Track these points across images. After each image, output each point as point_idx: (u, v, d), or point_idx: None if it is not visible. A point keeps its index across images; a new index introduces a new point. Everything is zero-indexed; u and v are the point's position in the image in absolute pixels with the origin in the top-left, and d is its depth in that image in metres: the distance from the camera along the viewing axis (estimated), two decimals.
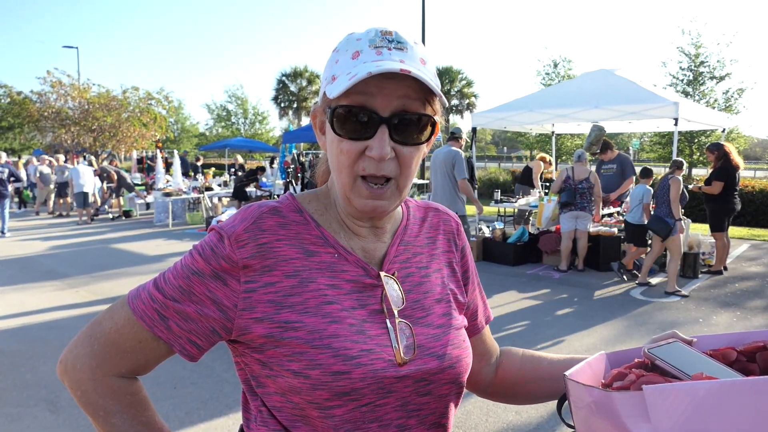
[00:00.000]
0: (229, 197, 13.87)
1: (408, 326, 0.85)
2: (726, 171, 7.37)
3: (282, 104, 38.65)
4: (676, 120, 7.68)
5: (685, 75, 18.63)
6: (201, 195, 13.23)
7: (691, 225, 7.16)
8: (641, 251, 7.16)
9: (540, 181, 10.74)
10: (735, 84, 18.21)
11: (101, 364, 0.84)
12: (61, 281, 7.28)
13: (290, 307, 0.80)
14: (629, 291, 6.69)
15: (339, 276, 0.84)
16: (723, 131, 10.96)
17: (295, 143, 13.46)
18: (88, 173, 13.54)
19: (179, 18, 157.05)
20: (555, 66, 22.95)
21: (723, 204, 7.47)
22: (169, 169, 16.95)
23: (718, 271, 7.61)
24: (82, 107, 22.35)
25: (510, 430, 3.37)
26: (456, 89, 38.44)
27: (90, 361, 0.84)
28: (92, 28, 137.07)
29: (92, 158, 16.89)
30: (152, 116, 23.73)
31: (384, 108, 0.79)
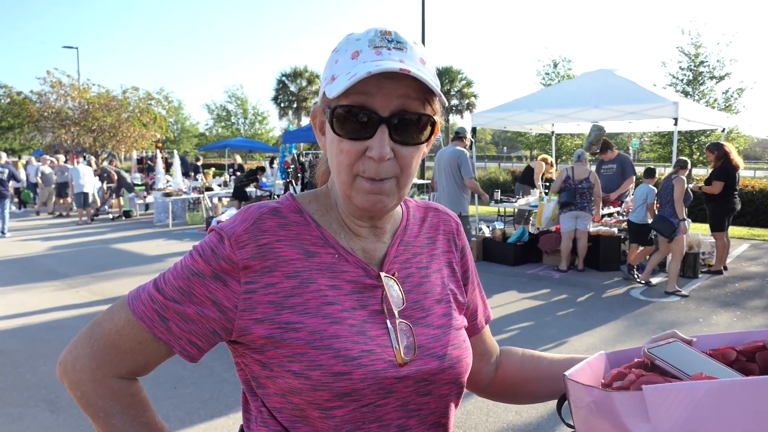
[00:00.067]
0: (229, 197, 13.87)
1: (408, 327, 0.85)
2: (726, 171, 7.36)
3: (282, 104, 38.66)
4: (676, 120, 7.68)
5: (685, 75, 18.61)
6: (201, 195, 13.23)
7: (691, 225, 7.13)
8: (648, 251, 7.15)
9: (540, 181, 10.74)
10: (735, 84, 18.19)
11: (101, 365, 0.83)
12: (61, 281, 7.28)
13: (291, 308, 0.80)
14: (629, 291, 6.69)
15: (339, 277, 0.84)
16: (723, 131, 10.96)
17: (295, 143, 13.46)
18: (88, 173, 13.53)
19: (179, 18, 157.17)
20: (555, 66, 22.94)
21: (723, 204, 7.48)
22: (169, 170, 16.96)
23: (718, 271, 7.61)
24: (82, 107, 22.37)
25: (510, 430, 3.37)
26: (456, 89, 38.46)
27: (90, 362, 0.84)
28: (92, 28, 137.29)
29: (92, 158, 16.90)
30: (152, 116, 23.75)
31: (383, 108, 0.79)
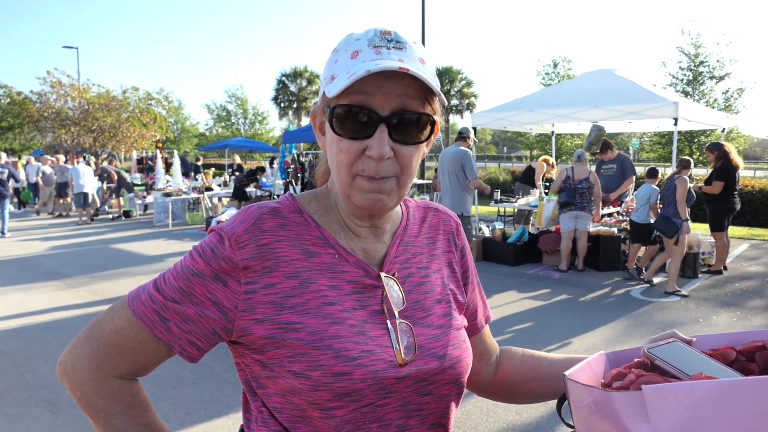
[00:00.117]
0: (229, 197, 13.88)
1: (408, 327, 0.85)
2: (726, 171, 7.36)
3: (282, 104, 38.64)
4: (676, 120, 7.68)
5: (685, 75, 18.63)
6: (201, 195, 13.23)
7: (691, 225, 7.12)
8: (652, 251, 7.13)
9: (541, 181, 10.74)
10: (735, 84, 18.22)
11: (101, 366, 0.83)
12: (62, 281, 7.28)
13: (291, 309, 0.80)
14: (629, 291, 6.69)
15: (339, 277, 0.84)
16: (723, 131, 10.96)
17: (295, 143, 13.46)
18: (89, 173, 13.53)
19: (179, 18, 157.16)
20: (555, 66, 22.96)
21: (723, 204, 7.47)
22: (169, 170, 16.96)
23: (718, 271, 7.61)
24: (82, 107, 22.36)
25: (510, 430, 3.37)
26: (456, 89, 38.44)
27: (90, 363, 0.83)
28: (92, 28, 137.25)
29: (91, 159, 16.89)
30: (152, 116, 23.74)
31: (383, 107, 0.79)
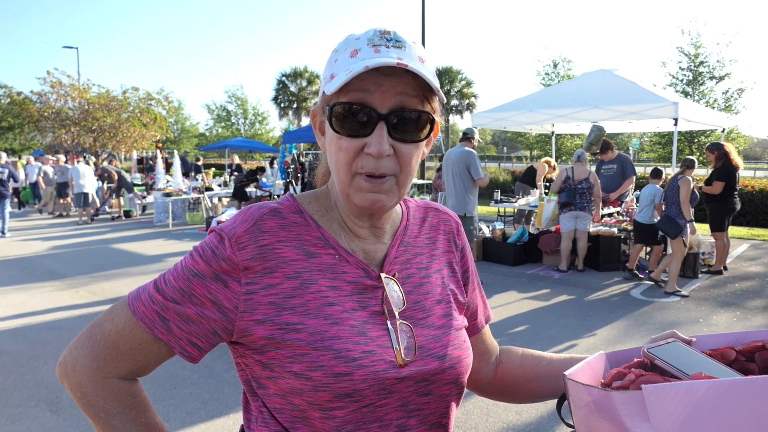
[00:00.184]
0: (229, 197, 13.88)
1: (409, 327, 0.85)
2: (726, 171, 7.36)
3: (282, 104, 38.63)
4: (676, 120, 7.70)
5: (685, 75, 18.65)
6: (201, 195, 13.23)
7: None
8: (659, 251, 7.12)
9: (542, 181, 10.74)
10: (735, 84, 18.26)
11: (101, 366, 0.83)
12: (62, 281, 7.28)
13: (291, 309, 0.80)
14: (629, 291, 6.69)
15: (340, 277, 0.84)
16: (723, 131, 10.98)
17: (295, 143, 13.47)
18: (89, 173, 13.53)
19: (179, 18, 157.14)
20: (555, 66, 22.99)
21: (723, 204, 7.47)
22: (169, 170, 16.96)
23: (718, 271, 7.61)
24: (82, 107, 22.35)
25: (510, 430, 3.37)
26: (456, 89, 38.41)
27: (90, 363, 0.83)
28: (92, 28, 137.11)
29: (91, 159, 16.88)
30: (152, 116, 23.74)
31: (382, 105, 0.79)
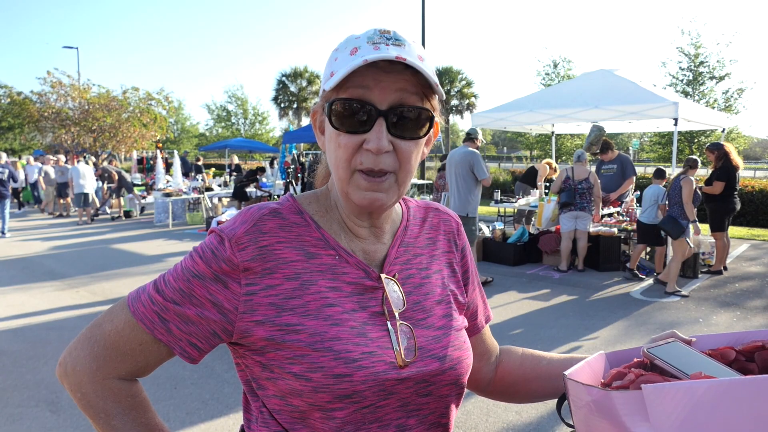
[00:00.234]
0: (229, 197, 13.88)
1: (409, 328, 0.85)
2: (727, 171, 7.36)
3: (282, 104, 38.64)
4: (676, 120, 7.69)
5: (685, 75, 18.63)
6: (201, 195, 13.23)
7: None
8: (662, 252, 7.11)
9: (542, 182, 10.74)
10: (735, 84, 18.24)
11: (101, 367, 0.83)
12: (62, 281, 7.28)
13: (291, 310, 0.80)
14: (629, 291, 6.69)
15: (340, 278, 0.84)
16: (723, 131, 10.97)
17: (295, 143, 13.47)
18: (89, 173, 13.52)
19: (179, 18, 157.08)
20: (555, 66, 22.96)
21: (723, 204, 7.48)
22: (169, 170, 16.96)
23: (718, 271, 7.61)
24: (82, 108, 22.35)
25: (510, 430, 3.37)
26: (456, 89, 38.42)
27: (90, 364, 0.83)
28: (92, 28, 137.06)
29: (91, 158, 16.87)
30: (152, 117, 23.74)
31: (381, 101, 0.79)
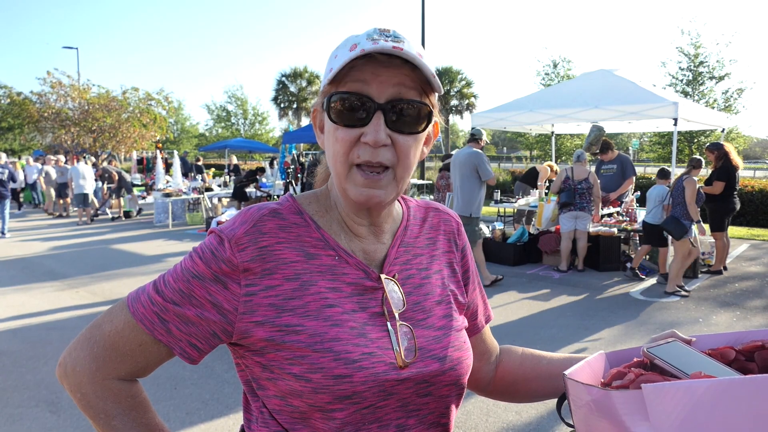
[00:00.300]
0: (229, 198, 13.88)
1: (409, 329, 0.85)
2: (726, 171, 7.36)
3: (282, 105, 38.64)
4: (676, 120, 7.68)
5: (685, 75, 18.63)
6: (201, 195, 13.23)
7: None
8: (665, 253, 7.11)
9: (542, 182, 10.74)
10: (734, 84, 18.23)
11: (101, 367, 0.83)
12: (62, 282, 7.28)
13: (291, 311, 0.80)
14: (629, 291, 6.69)
15: (340, 279, 0.84)
16: (722, 131, 10.97)
17: (295, 144, 13.48)
18: (89, 173, 13.52)
19: (179, 18, 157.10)
20: (555, 66, 22.95)
21: (722, 204, 7.48)
22: (169, 170, 16.96)
23: (718, 271, 7.61)
24: (82, 108, 22.33)
25: (510, 430, 3.37)
26: (455, 89, 38.40)
27: (90, 364, 0.83)
28: (92, 29, 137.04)
29: (91, 159, 16.86)
30: (152, 117, 23.72)
31: (379, 95, 0.79)
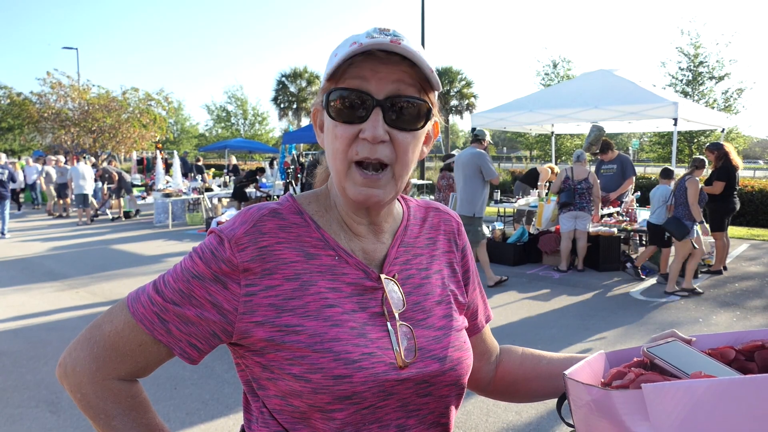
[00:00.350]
0: (229, 198, 13.88)
1: (409, 329, 0.85)
2: (726, 171, 7.36)
3: (282, 105, 38.65)
4: (676, 120, 7.69)
5: (685, 75, 18.63)
6: (201, 196, 13.23)
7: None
8: (667, 254, 7.11)
9: (542, 182, 10.74)
10: (734, 84, 18.23)
11: (101, 368, 0.83)
12: (62, 282, 7.28)
13: (291, 311, 0.80)
14: (629, 291, 6.69)
15: (339, 279, 0.84)
16: (722, 131, 10.97)
17: (295, 144, 13.48)
18: (89, 173, 13.51)
19: (179, 18, 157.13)
20: (554, 66, 22.94)
21: (722, 204, 7.48)
22: (169, 170, 16.96)
23: (718, 271, 7.61)
24: (82, 108, 22.33)
25: (510, 430, 3.37)
26: (455, 90, 38.42)
27: (90, 365, 0.83)
28: (92, 29, 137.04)
29: (90, 159, 16.85)
30: (152, 117, 23.72)
31: (378, 91, 0.79)
